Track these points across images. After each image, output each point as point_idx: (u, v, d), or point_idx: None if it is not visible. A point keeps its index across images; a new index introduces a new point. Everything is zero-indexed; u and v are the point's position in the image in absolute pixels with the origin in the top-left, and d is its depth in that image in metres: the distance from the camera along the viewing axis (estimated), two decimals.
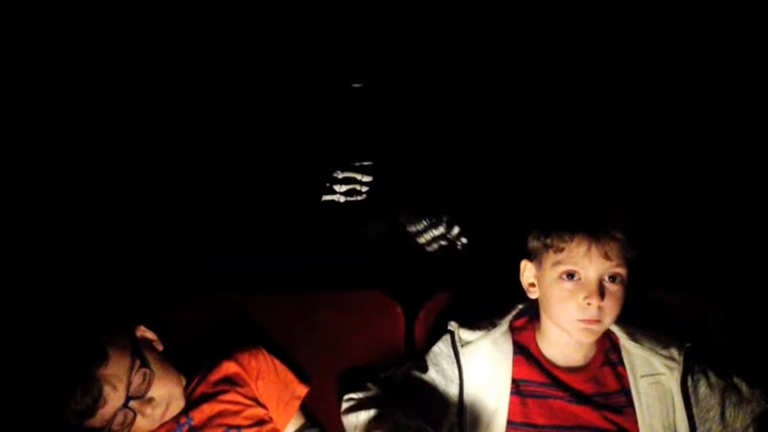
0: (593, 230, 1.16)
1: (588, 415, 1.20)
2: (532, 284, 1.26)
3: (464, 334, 1.28)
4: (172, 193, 1.77)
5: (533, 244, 1.24)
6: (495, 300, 1.39)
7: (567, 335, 1.22)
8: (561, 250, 1.18)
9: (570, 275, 1.18)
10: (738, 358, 1.32)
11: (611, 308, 1.17)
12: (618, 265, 1.16)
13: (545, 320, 1.27)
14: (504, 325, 1.29)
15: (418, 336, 1.45)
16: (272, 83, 1.94)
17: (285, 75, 1.96)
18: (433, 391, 1.26)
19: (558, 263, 1.18)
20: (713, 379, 1.22)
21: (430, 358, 1.30)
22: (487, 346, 1.26)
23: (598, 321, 1.17)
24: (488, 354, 1.26)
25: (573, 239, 1.17)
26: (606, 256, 1.15)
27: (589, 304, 1.16)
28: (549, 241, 1.20)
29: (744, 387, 1.22)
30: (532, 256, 1.25)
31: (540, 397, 1.23)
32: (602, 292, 1.16)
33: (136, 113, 1.80)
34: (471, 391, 1.24)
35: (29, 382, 1.14)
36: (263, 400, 1.31)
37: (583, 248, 1.16)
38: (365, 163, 1.83)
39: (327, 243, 1.75)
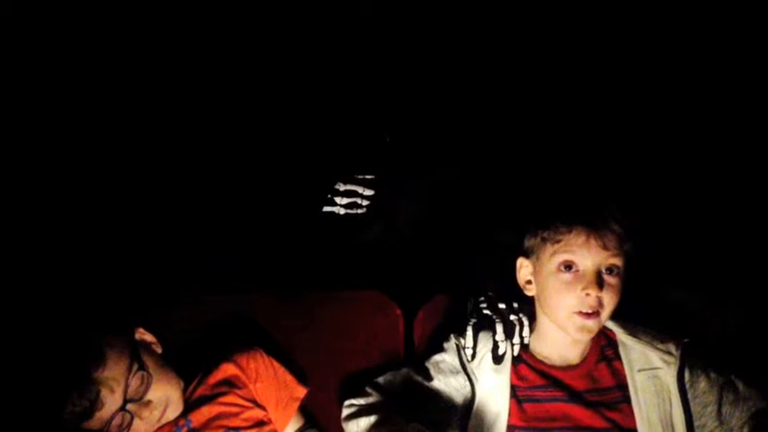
0: (591, 221, 1.18)
1: (584, 414, 1.20)
2: (529, 282, 1.27)
3: (469, 348, 1.28)
4: (172, 195, 1.76)
5: (530, 241, 1.25)
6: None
7: (563, 332, 1.22)
8: (559, 241, 1.19)
9: (568, 267, 1.19)
10: (735, 357, 1.31)
11: (609, 300, 1.18)
12: (615, 256, 1.17)
13: (541, 319, 1.27)
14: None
15: (417, 337, 1.45)
16: (272, 86, 1.93)
17: (285, 77, 1.95)
18: (436, 399, 1.26)
19: (555, 253, 1.19)
20: (712, 375, 1.22)
21: (433, 367, 1.29)
22: (489, 356, 1.26)
23: (596, 315, 1.17)
24: (490, 363, 1.26)
25: (571, 230, 1.18)
26: (604, 247, 1.16)
27: (588, 294, 1.16)
28: (546, 234, 1.21)
29: (741, 385, 1.22)
30: (529, 253, 1.26)
31: (536, 401, 1.23)
32: (600, 284, 1.16)
33: (136, 115, 1.80)
34: (480, 398, 1.25)
35: (26, 384, 1.13)
36: (261, 401, 1.31)
37: (581, 239, 1.17)
38: (367, 176, 1.82)
39: (326, 247, 1.74)
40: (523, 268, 1.28)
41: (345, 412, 1.25)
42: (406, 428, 1.16)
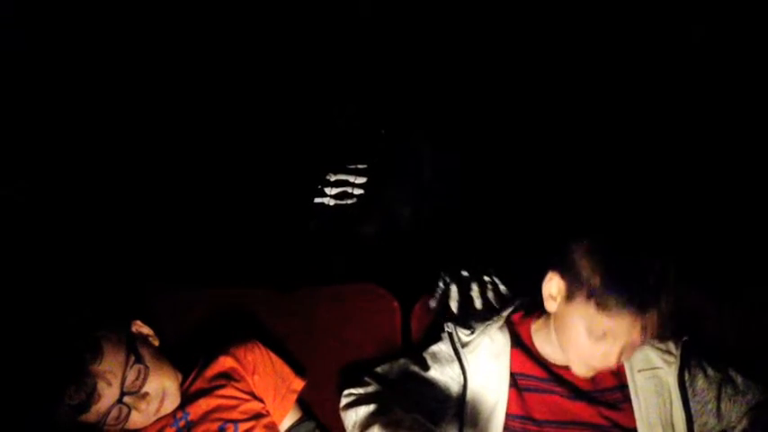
0: (649, 313, 1.07)
1: (584, 411, 1.19)
2: (553, 297, 1.17)
3: (462, 334, 1.27)
4: (166, 190, 1.77)
5: (574, 272, 1.12)
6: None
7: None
8: (604, 312, 1.08)
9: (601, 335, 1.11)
10: (733, 351, 1.31)
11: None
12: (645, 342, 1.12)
13: (552, 329, 1.21)
14: (500, 320, 1.27)
15: (414, 329, 1.44)
16: (268, 83, 1.94)
17: (281, 75, 1.96)
18: (432, 388, 1.26)
19: (595, 316, 1.08)
20: (711, 372, 1.21)
21: (429, 357, 1.29)
22: (486, 342, 1.25)
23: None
24: (487, 349, 1.25)
25: (623, 312, 1.06)
26: (646, 335, 1.08)
27: (609, 360, 1.12)
28: (596, 299, 1.08)
29: (739, 379, 1.21)
30: (566, 272, 1.13)
31: (536, 391, 1.22)
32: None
33: (130, 112, 1.81)
34: (473, 388, 1.24)
35: (23, 378, 1.13)
36: (259, 394, 1.30)
37: (629, 320, 1.07)
38: (359, 166, 1.82)
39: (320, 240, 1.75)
40: (553, 282, 1.16)
41: (344, 401, 1.25)
42: (404, 418, 1.16)
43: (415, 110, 1.94)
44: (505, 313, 1.28)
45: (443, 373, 1.26)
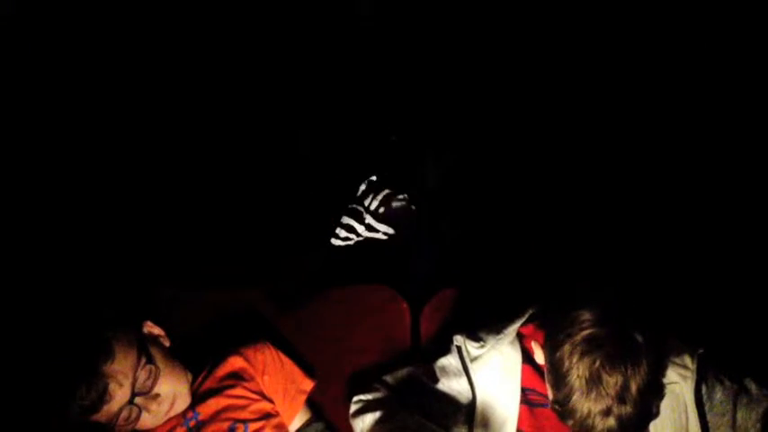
0: None
1: None
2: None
3: (471, 348, 1.23)
4: (178, 193, 1.77)
5: (552, 339, 1.08)
6: (503, 299, 1.35)
7: None
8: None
9: None
10: (747, 358, 1.28)
11: None
12: None
13: None
14: (511, 334, 1.23)
15: (424, 331, 1.44)
16: (272, 85, 1.94)
17: (282, 75, 1.95)
18: (441, 402, 1.25)
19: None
20: (727, 383, 1.18)
21: (438, 369, 1.27)
22: (496, 357, 1.22)
23: None
24: (498, 364, 1.22)
25: None
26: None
27: None
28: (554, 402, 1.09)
29: (753, 387, 1.18)
30: (542, 339, 1.13)
31: (548, 406, 1.16)
32: None
33: (139, 112, 1.80)
34: (482, 403, 1.22)
35: (35, 379, 1.14)
36: (269, 394, 1.30)
37: None
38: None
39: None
40: (533, 344, 1.18)
41: (353, 408, 1.25)
42: (409, 423, 1.16)
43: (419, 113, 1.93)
44: (516, 325, 1.24)
45: (451, 388, 1.25)
